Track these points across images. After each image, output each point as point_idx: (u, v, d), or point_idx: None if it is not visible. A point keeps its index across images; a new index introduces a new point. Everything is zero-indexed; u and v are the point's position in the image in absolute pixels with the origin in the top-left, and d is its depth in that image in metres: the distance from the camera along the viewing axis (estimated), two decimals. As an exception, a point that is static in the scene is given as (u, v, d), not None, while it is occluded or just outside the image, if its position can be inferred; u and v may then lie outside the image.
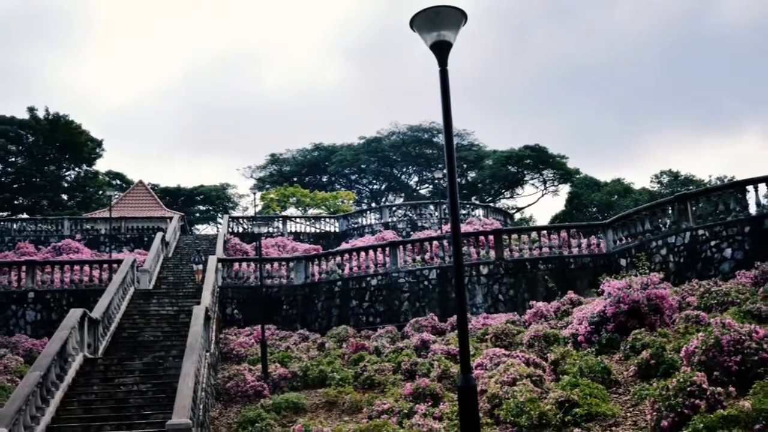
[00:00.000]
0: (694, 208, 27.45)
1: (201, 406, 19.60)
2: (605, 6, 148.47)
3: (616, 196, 74.03)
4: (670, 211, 28.76)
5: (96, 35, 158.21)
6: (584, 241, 32.89)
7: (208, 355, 23.07)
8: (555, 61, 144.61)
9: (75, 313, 22.49)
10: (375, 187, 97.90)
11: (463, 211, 58.11)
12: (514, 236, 34.50)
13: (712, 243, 26.08)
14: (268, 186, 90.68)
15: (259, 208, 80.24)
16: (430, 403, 18.07)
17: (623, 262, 29.93)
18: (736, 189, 26.76)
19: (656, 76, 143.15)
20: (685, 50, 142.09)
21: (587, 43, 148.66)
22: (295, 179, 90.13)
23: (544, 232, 35.26)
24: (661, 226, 29.05)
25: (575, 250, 32.30)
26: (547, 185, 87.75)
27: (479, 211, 60.59)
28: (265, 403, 21.81)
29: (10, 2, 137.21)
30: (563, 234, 33.35)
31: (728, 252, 25.54)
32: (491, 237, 33.61)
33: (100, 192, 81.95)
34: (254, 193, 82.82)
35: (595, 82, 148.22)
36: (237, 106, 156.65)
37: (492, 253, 32.66)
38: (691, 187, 60.87)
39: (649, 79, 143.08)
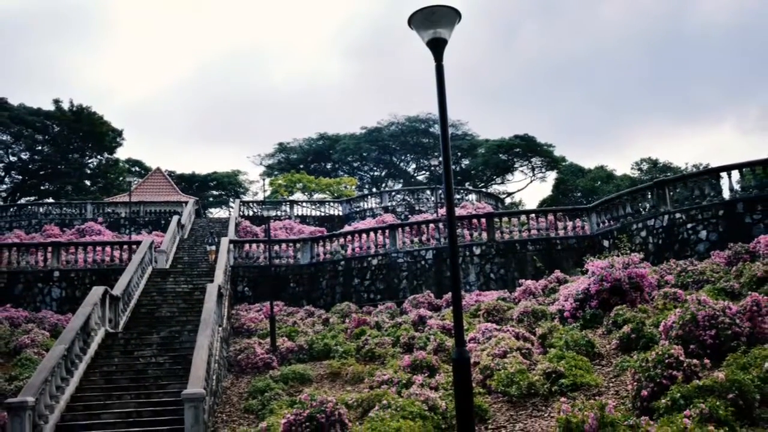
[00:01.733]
0: (671, 193, 27.42)
1: (214, 377, 19.61)
2: (591, 5, 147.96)
3: (599, 182, 73.94)
4: (649, 196, 28.72)
5: (116, 33, 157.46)
6: (570, 223, 32.85)
7: (220, 330, 23.05)
8: (544, 57, 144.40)
9: (97, 291, 22.48)
10: (376, 173, 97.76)
11: (457, 196, 57.83)
12: (505, 219, 34.40)
13: (689, 225, 26.06)
14: (276, 173, 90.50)
15: (267, 193, 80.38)
16: (426, 374, 18.04)
17: (606, 243, 29.87)
18: (710, 175, 26.81)
19: (639, 71, 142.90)
20: (667, 47, 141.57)
21: (574, 39, 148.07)
22: (301, 166, 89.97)
23: (533, 215, 35.17)
24: (641, 209, 29.02)
25: (561, 232, 32.23)
26: (536, 172, 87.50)
27: (472, 196, 60.42)
28: (274, 374, 21.80)
29: (37, 1, 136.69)
30: (550, 217, 33.24)
31: (703, 234, 25.54)
32: (483, 220, 33.63)
33: (121, 178, 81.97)
34: (263, 179, 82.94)
35: (582, 76, 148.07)
36: (247, 98, 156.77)
37: (484, 235, 32.66)
38: (669, 174, 60.93)
39: (633, 74, 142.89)
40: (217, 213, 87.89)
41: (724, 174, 26.09)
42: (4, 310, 29.31)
